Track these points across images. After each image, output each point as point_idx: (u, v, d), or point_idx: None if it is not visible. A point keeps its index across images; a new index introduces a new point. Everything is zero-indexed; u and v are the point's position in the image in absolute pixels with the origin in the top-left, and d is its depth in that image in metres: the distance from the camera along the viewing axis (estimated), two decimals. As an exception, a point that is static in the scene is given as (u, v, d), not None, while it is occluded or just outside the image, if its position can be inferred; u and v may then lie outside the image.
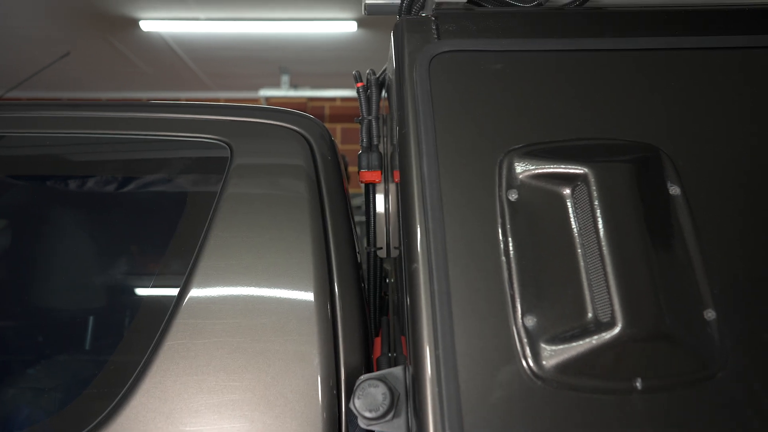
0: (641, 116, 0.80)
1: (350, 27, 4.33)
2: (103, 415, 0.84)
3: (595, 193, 0.72)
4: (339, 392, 0.86)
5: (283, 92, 5.37)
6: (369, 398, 0.76)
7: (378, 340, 0.98)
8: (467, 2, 0.89)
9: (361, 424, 0.77)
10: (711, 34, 0.85)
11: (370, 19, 4.03)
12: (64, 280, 1.08)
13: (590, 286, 0.70)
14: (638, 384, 0.66)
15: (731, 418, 0.66)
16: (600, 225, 0.70)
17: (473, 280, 0.71)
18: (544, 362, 0.67)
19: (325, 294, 0.90)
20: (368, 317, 0.98)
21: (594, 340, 0.66)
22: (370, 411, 0.75)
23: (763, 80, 0.82)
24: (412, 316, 0.72)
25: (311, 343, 0.86)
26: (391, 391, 0.77)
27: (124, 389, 0.85)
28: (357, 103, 1.11)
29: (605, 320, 0.67)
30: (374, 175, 1.08)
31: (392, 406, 0.76)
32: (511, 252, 0.72)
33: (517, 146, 0.77)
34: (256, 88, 5.49)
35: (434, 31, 0.85)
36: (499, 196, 0.74)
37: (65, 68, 4.81)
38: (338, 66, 5.31)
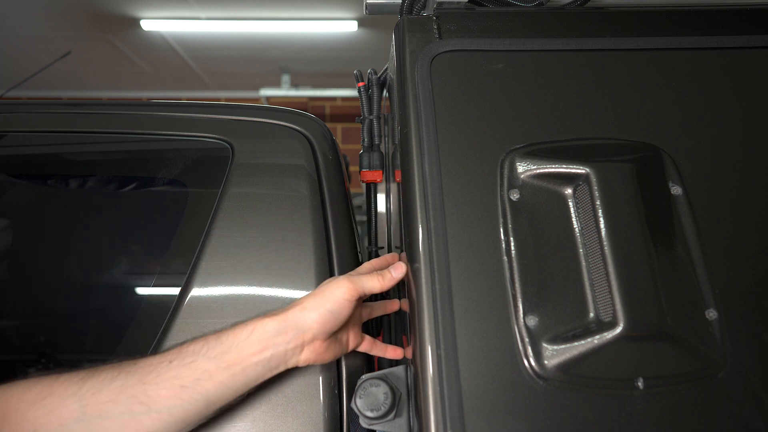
0: (643, 116, 0.80)
1: (351, 26, 4.33)
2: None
3: (596, 193, 0.72)
4: (340, 391, 0.86)
5: (284, 92, 5.36)
6: (370, 398, 0.76)
7: (379, 340, 0.98)
8: (468, 2, 0.89)
9: (363, 423, 0.77)
10: (711, 34, 0.85)
11: (370, 18, 4.03)
12: (64, 280, 1.08)
13: (592, 285, 0.70)
14: (640, 383, 0.66)
15: (733, 417, 0.67)
16: (601, 225, 0.70)
17: (475, 280, 0.71)
18: (545, 362, 0.67)
19: (327, 293, 0.90)
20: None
21: (596, 340, 0.66)
22: (372, 410, 0.76)
23: (764, 80, 0.82)
24: (413, 316, 0.72)
25: (312, 342, 0.86)
26: (393, 390, 0.77)
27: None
28: (358, 103, 1.11)
29: (607, 320, 0.67)
30: (375, 175, 1.08)
31: (394, 406, 0.76)
32: (513, 251, 0.72)
33: (518, 146, 0.77)
34: (257, 87, 5.49)
35: (435, 31, 0.85)
36: (501, 196, 0.74)
37: (66, 68, 4.83)
38: (339, 65, 5.31)
